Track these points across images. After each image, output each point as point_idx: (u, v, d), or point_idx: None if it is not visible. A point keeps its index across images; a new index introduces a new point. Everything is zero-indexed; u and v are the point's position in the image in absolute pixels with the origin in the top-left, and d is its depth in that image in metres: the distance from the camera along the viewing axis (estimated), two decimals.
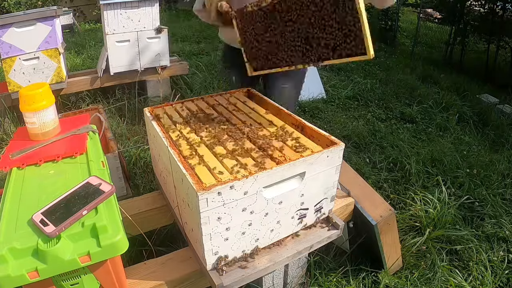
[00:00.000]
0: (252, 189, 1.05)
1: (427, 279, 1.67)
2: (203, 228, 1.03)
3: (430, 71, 5.39)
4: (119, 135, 2.86)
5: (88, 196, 0.94)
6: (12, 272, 0.80)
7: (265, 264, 1.18)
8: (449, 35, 6.86)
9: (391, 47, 7.16)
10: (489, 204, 2.26)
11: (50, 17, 2.75)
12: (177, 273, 1.21)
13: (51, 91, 1.24)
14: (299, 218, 1.25)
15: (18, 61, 2.75)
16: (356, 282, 1.60)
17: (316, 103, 3.75)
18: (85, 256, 0.86)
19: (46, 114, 1.20)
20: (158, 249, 1.50)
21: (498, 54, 6.25)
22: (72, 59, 4.59)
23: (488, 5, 6.31)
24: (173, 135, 1.26)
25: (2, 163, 1.12)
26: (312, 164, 1.15)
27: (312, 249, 1.29)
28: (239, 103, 1.51)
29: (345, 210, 1.55)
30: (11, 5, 6.43)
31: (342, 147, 1.21)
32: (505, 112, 4.19)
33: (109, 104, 3.23)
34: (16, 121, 2.87)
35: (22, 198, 0.98)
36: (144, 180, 2.26)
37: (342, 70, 5.00)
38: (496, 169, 2.70)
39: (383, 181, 2.45)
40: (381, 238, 1.57)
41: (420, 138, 3.25)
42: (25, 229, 0.88)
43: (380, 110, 3.80)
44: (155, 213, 1.50)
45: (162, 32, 3.21)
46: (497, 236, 2.02)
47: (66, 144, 1.21)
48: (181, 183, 1.11)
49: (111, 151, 1.83)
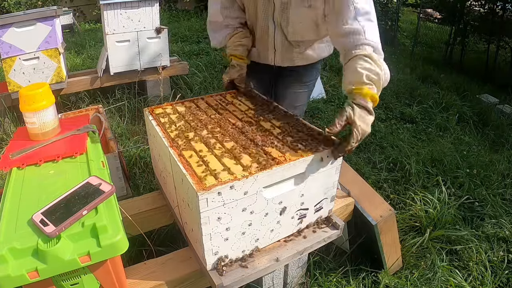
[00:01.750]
0: (252, 189, 1.05)
1: (427, 279, 1.67)
2: (203, 228, 1.03)
3: (430, 71, 5.39)
4: (119, 135, 2.86)
5: (88, 196, 0.94)
6: (12, 272, 0.80)
7: (265, 264, 1.18)
8: (449, 35, 6.87)
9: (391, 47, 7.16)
10: (489, 204, 2.26)
11: (50, 17, 2.75)
12: (177, 273, 1.21)
13: (51, 91, 1.24)
14: (299, 218, 1.25)
15: (18, 61, 2.75)
16: (356, 282, 1.60)
17: (316, 103, 3.75)
18: (85, 256, 0.86)
19: (46, 114, 1.20)
20: (158, 249, 1.50)
21: (498, 54, 6.26)
22: (72, 59, 4.59)
23: (488, 5, 6.32)
24: (173, 135, 1.26)
25: (2, 163, 1.12)
26: (312, 164, 1.15)
27: (312, 249, 1.29)
28: (239, 103, 1.51)
29: (345, 210, 1.55)
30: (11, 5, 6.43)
31: None
32: (505, 112, 4.19)
33: (109, 104, 3.23)
34: (16, 121, 2.87)
35: (22, 198, 0.98)
36: (144, 180, 2.26)
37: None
38: (496, 169, 2.70)
39: (383, 181, 2.45)
40: (381, 238, 1.57)
41: (420, 138, 3.25)
42: (25, 229, 0.88)
43: (380, 110, 3.79)
44: (155, 213, 1.50)
45: (162, 32, 3.21)
46: (497, 236, 2.02)
47: (66, 144, 1.21)
48: (181, 183, 1.11)
49: (111, 151, 1.83)
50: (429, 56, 7.01)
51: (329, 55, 1.71)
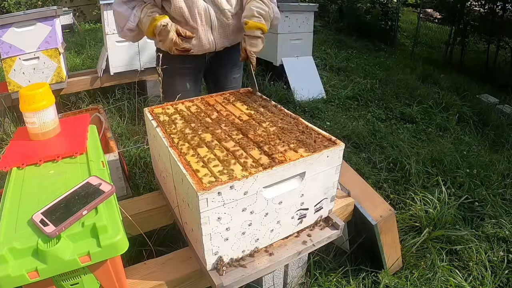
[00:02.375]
0: (252, 189, 1.05)
1: (427, 279, 1.67)
2: (203, 228, 1.03)
3: (430, 71, 5.40)
4: (119, 135, 2.86)
5: (88, 196, 0.94)
6: (12, 272, 0.80)
7: (265, 264, 1.18)
8: (449, 35, 6.87)
9: (391, 47, 7.17)
10: (489, 204, 2.26)
11: (50, 17, 2.75)
12: (177, 273, 1.21)
13: (51, 91, 1.24)
14: (299, 218, 1.25)
15: (18, 61, 2.75)
16: (356, 282, 1.60)
17: (316, 103, 3.75)
18: (85, 256, 0.86)
19: (46, 114, 1.20)
20: (158, 249, 1.50)
21: (498, 54, 6.26)
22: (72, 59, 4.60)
23: (488, 5, 6.32)
24: (173, 135, 1.26)
25: (2, 163, 1.12)
26: (312, 164, 1.15)
27: (312, 249, 1.29)
28: (238, 103, 1.51)
29: (345, 210, 1.55)
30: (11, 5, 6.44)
31: (342, 147, 1.21)
32: (505, 112, 4.19)
33: (109, 104, 3.23)
34: (16, 121, 2.87)
35: (22, 198, 0.98)
36: (144, 180, 2.26)
37: (342, 70, 5.01)
38: (496, 169, 2.70)
39: (383, 181, 2.45)
40: (381, 238, 1.57)
41: (420, 138, 3.25)
42: (25, 229, 0.88)
43: (380, 110, 3.80)
44: (155, 213, 1.50)
45: None
46: (497, 236, 2.02)
47: (66, 144, 1.21)
48: (181, 183, 1.11)
49: (111, 151, 1.82)
50: (429, 56, 7.02)
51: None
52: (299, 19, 4.09)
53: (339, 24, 7.87)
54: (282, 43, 4.06)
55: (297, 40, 4.16)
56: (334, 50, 5.87)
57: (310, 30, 4.23)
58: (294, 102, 3.75)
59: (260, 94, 1.59)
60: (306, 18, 4.14)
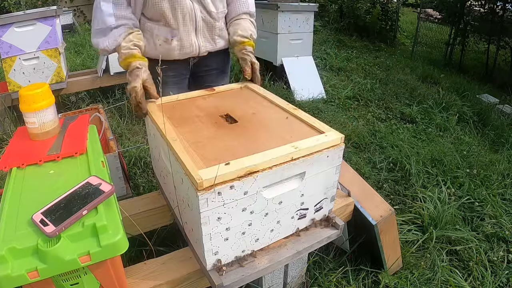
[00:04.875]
0: (252, 189, 1.05)
1: (427, 279, 1.67)
2: (203, 228, 1.02)
3: (430, 71, 5.40)
4: (119, 135, 2.86)
5: (88, 196, 0.94)
6: (12, 272, 0.80)
7: (265, 264, 1.18)
8: (449, 35, 6.87)
9: (391, 47, 7.17)
10: (489, 204, 2.26)
11: (50, 17, 2.75)
12: (177, 273, 1.21)
13: (51, 91, 1.24)
14: (299, 218, 1.25)
15: (18, 61, 2.75)
16: (356, 282, 1.60)
17: (316, 103, 3.75)
18: (85, 256, 0.86)
19: (46, 114, 1.20)
20: (158, 249, 1.50)
21: (498, 54, 6.26)
22: (72, 59, 4.60)
23: (488, 5, 6.32)
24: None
25: (2, 163, 1.12)
26: (312, 164, 1.15)
27: (312, 249, 1.29)
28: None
29: (345, 210, 1.55)
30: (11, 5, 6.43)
31: (342, 147, 1.20)
32: (505, 112, 4.19)
33: (109, 104, 3.23)
34: (16, 121, 2.87)
35: (22, 198, 0.98)
36: (144, 180, 2.26)
37: (342, 70, 5.01)
38: (496, 169, 2.70)
39: (383, 181, 2.45)
40: (381, 238, 1.57)
41: (420, 138, 3.25)
42: (25, 229, 0.88)
43: (380, 110, 3.80)
44: (155, 213, 1.50)
45: None
46: (497, 236, 2.03)
47: (66, 144, 1.21)
48: (181, 183, 1.11)
49: (111, 151, 1.83)
50: (429, 56, 7.02)
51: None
52: (299, 19, 4.09)
53: (339, 24, 7.87)
54: (282, 43, 4.06)
55: (297, 40, 4.16)
56: (334, 50, 5.87)
57: (310, 30, 4.24)
58: (294, 102, 3.75)
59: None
60: (306, 18, 4.14)
